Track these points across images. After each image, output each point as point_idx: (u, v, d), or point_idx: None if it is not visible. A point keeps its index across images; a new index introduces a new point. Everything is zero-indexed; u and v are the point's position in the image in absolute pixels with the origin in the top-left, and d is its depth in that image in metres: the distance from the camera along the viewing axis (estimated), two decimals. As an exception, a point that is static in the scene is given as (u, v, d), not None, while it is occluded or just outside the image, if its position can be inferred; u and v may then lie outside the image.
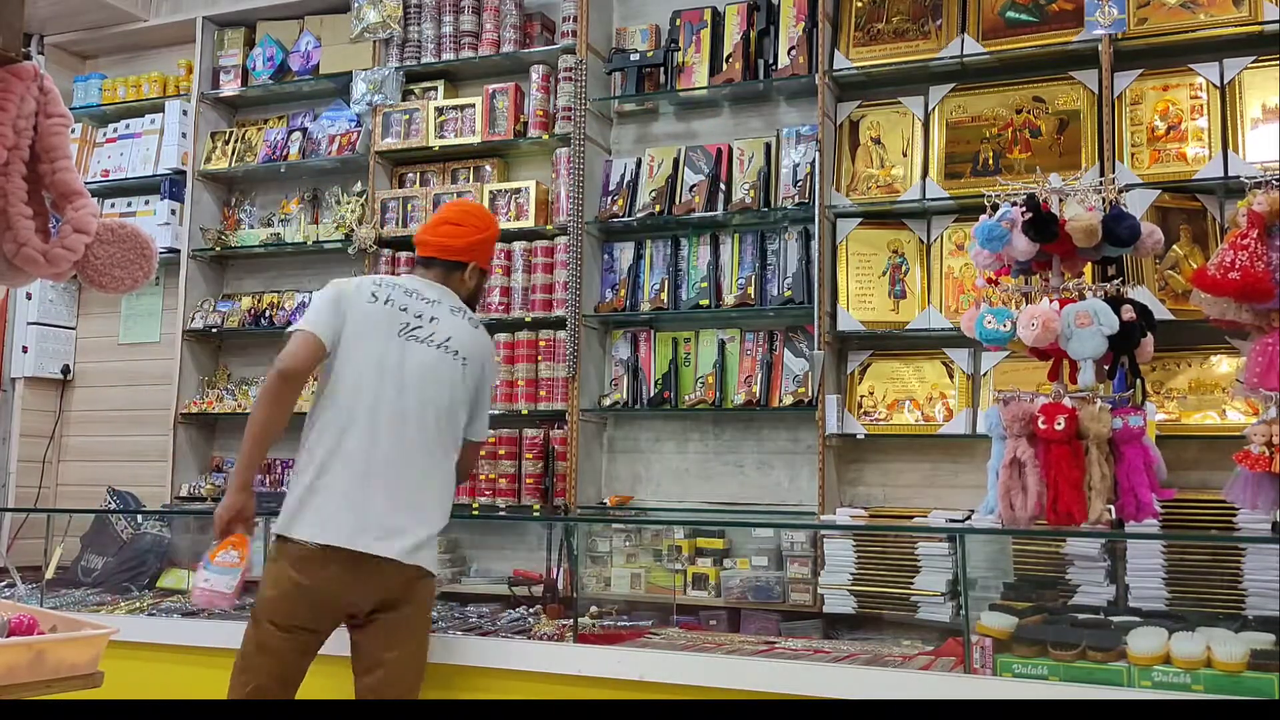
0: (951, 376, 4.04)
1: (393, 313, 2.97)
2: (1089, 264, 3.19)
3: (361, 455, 2.86)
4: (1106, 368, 3.04)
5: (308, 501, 2.85)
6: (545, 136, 4.66)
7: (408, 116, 4.89)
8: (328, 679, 2.98)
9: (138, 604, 4.01)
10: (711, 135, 4.55)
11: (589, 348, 4.46)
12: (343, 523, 2.80)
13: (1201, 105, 3.77)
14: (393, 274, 4.76)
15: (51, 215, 2.03)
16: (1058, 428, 2.84)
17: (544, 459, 4.44)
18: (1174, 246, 3.70)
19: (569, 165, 4.48)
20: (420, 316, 2.99)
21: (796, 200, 4.20)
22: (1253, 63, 3.74)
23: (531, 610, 3.70)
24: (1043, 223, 2.95)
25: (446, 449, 3.00)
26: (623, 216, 4.48)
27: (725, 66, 4.42)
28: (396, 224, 4.85)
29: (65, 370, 5.59)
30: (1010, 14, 4.03)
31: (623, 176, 4.56)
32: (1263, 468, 2.77)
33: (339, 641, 2.97)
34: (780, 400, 4.17)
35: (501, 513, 4.49)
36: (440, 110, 4.86)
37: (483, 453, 3.25)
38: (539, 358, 4.52)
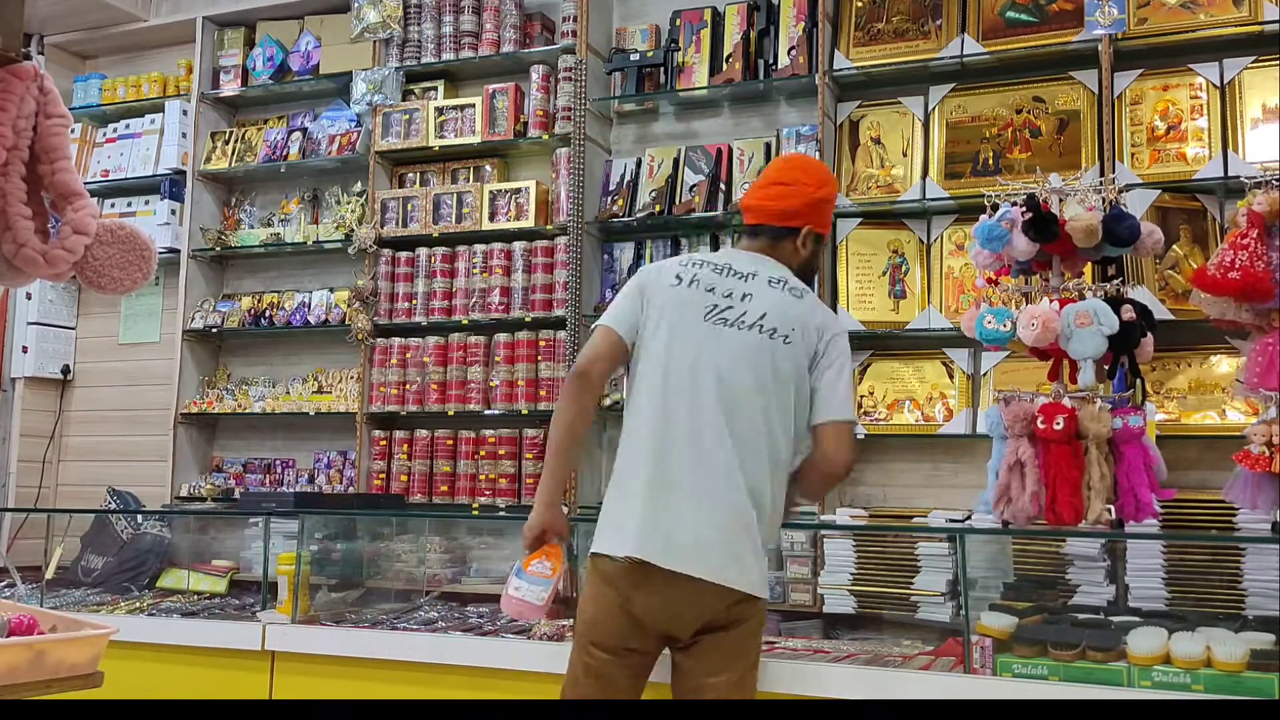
0: (951, 376, 4.04)
1: (698, 295, 2.59)
2: (1089, 264, 3.19)
3: (666, 465, 2.50)
4: (1106, 368, 3.04)
5: (613, 516, 2.56)
6: (545, 136, 4.66)
7: (408, 116, 4.89)
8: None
9: (138, 604, 4.01)
10: (711, 135, 4.55)
11: (589, 348, 4.45)
12: (645, 537, 2.47)
13: (1201, 105, 3.77)
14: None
15: (51, 216, 2.02)
16: (1057, 428, 2.84)
17: (544, 459, 4.43)
18: (1174, 246, 3.70)
19: (569, 165, 4.48)
20: (730, 295, 2.59)
21: (796, 200, 4.19)
22: (1253, 63, 3.74)
23: (531, 610, 3.69)
24: (1043, 223, 2.95)
25: (775, 447, 2.54)
26: (623, 216, 4.48)
27: (725, 66, 4.42)
28: (396, 224, 4.85)
29: (65, 370, 5.59)
30: (1010, 14, 4.03)
31: (623, 176, 4.57)
32: (1263, 468, 2.77)
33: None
34: (780, 400, 4.16)
35: (501, 513, 4.49)
36: (440, 110, 4.86)
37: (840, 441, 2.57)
38: (539, 358, 4.52)
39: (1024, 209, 2.99)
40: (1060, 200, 3.03)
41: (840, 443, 2.59)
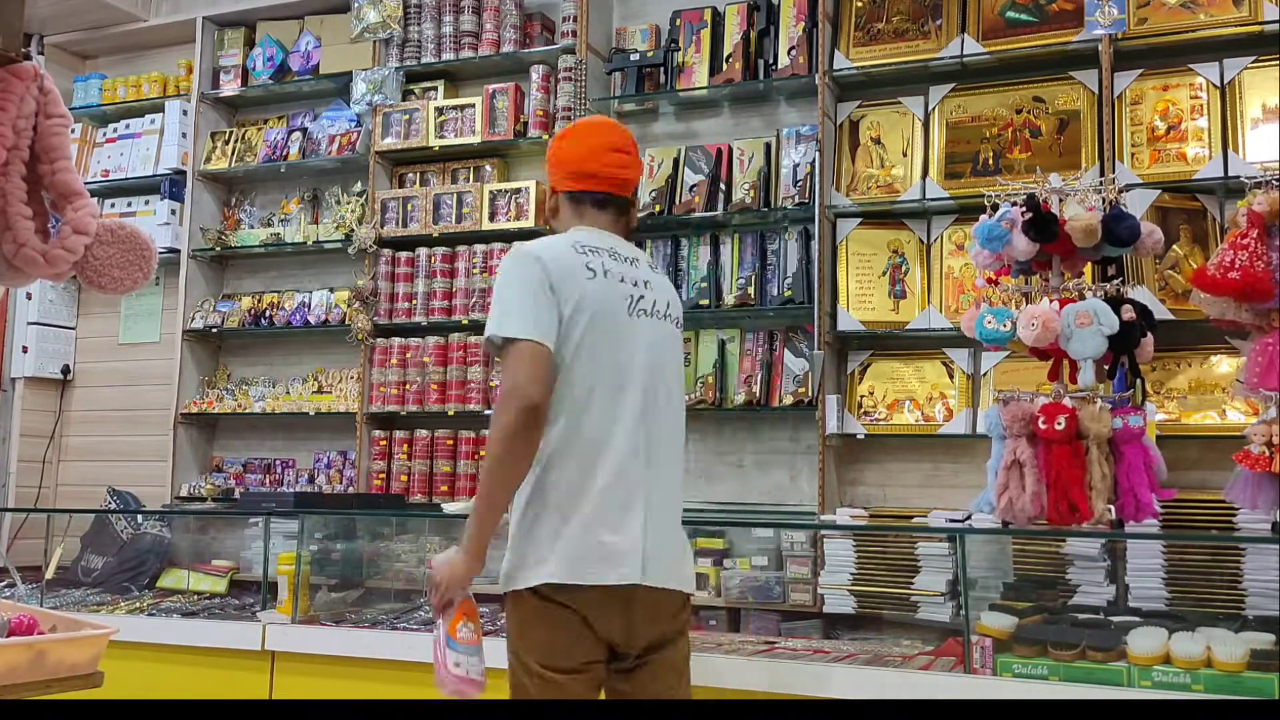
0: (951, 376, 4.04)
1: (614, 288, 2.34)
2: (1089, 264, 3.19)
3: (626, 476, 2.25)
4: (1106, 368, 3.04)
5: (576, 537, 2.22)
6: (545, 136, 4.66)
7: (408, 116, 4.89)
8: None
9: (138, 604, 4.02)
10: (711, 135, 4.55)
11: (589, 348, 4.45)
12: (631, 558, 2.22)
13: (1201, 105, 3.77)
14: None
15: (51, 216, 2.02)
16: (1058, 428, 2.84)
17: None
18: (1174, 246, 3.70)
19: (569, 165, 4.47)
20: (637, 284, 2.38)
21: (796, 200, 4.20)
22: (1253, 63, 3.74)
23: (531, 610, 3.68)
24: (1043, 223, 2.95)
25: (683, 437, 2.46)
26: (623, 216, 4.47)
27: (725, 66, 4.42)
28: (396, 224, 4.85)
29: (65, 370, 5.59)
30: (1010, 14, 4.03)
31: (623, 176, 4.56)
32: (1263, 468, 2.77)
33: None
34: (780, 400, 4.17)
35: (501, 513, 4.48)
36: (440, 110, 4.86)
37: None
38: (539, 358, 4.51)
39: (1024, 209, 2.99)
40: (1060, 200, 3.03)
41: None
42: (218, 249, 5.23)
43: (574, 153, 2.46)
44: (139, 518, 4.68)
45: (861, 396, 4.13)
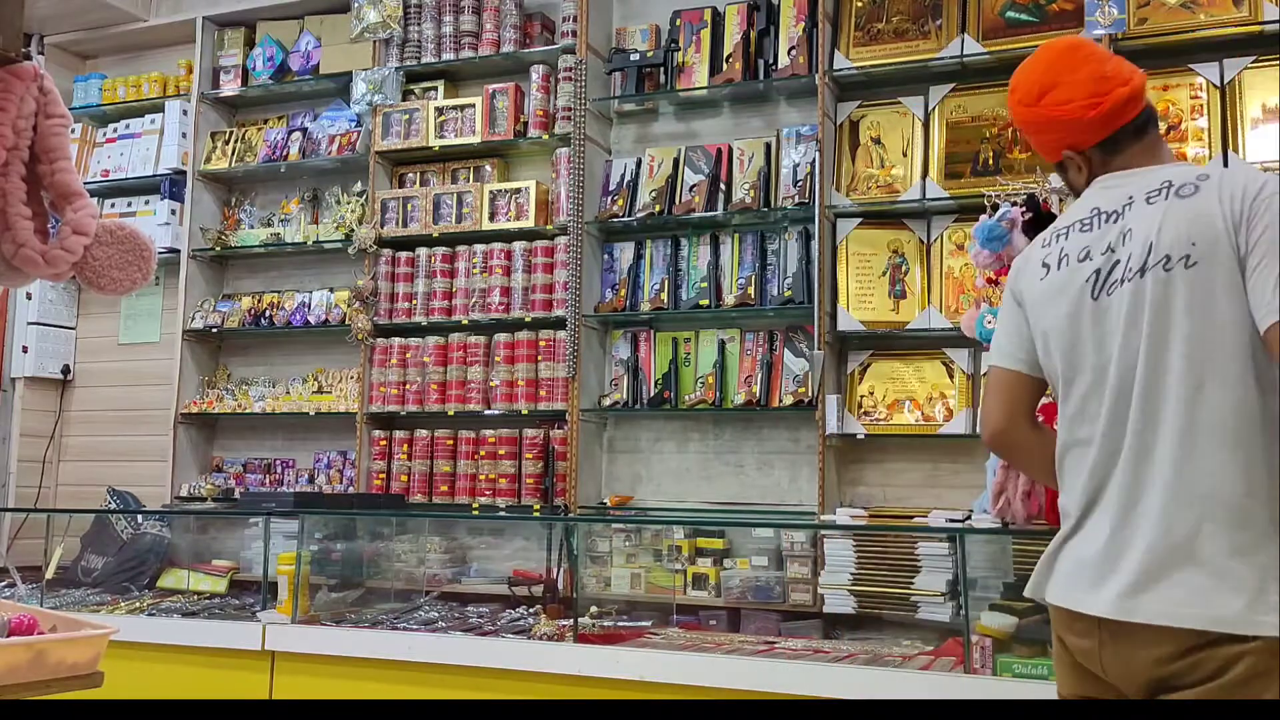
0: (951, 376, 4.04)
1: (1073, 273, 1.98)
2: (1089, 264, 3.19)
3: (1101, 490, 1.91)
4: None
5: (1054, 558, 1.98)
6: (545, 136, 4.66)
7: (408, 116, 4.89)
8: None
9: (138, 604, 4.02)
10: (711, 135, 4.55)
11: (589, 348, 4.46)
12: (1081, 580, 1.90)
13: (1201, 105, 3.77)
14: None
15: (51, 216, 2.02)
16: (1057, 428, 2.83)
17: (544, 459, 4.45)
18: (1174, 246, 3.70)
19: (569, 165, 4.48)
20: (1110, 249, 1.94)
21: (796, 200, 4.20)
22: (1253, 63, 3.74)
23: (531, 610, 3.70)
24: (1043, 222, 2.94)
25: (1226, 399, 1.81)
26: (623, 216, 4.48)
27: (725, 66, 4.42)
28: (396, 224, 4.85)
29: (65, 370, 5.59)
30: (1010, 14, 4.03)
31: (623, 176, 4.57)
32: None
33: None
34: (780, 400, 4.17)
35: (501, 513, 4.49)
36: (440, 110, 4.86)
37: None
38: (539, 358, 4.52)
39: (1024, 209, 2.98)
40: (1060, 200, 3.03)
41: None
42: (218, 249, 5.23)
43: (1083, 91, 2.04)
44: (139, 518, 4.68)
45: (861, 396, 4.13)
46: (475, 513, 4.50)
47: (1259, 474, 1.79)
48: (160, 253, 2.51)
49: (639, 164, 4.55)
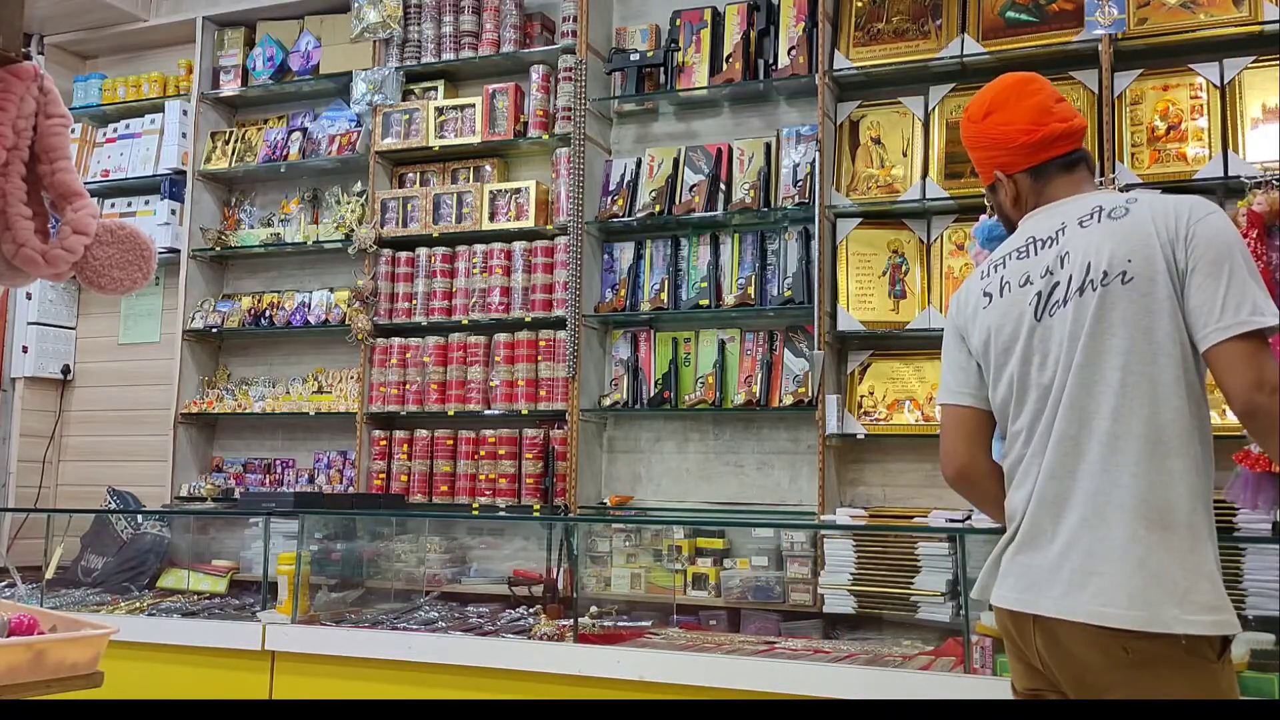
0: (951, 376, 4.03)
1: (1016, 297, 2.04)
2: (1089, 264, 3.19)
3: (1043, 497, 1.96)
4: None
5: (998, 562, 2.06)
6: (545, 136, 4.66)
7: (408, 116, 4.89)
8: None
9: (138, 604, 4.02)
10: (711, 135, 4.55)
11: (589, 348, 4.46)
12: (1023, 582, 1.97)
13: (1201, 105, 3.77)
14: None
15: (51, 216, 2.02)
16: (1057, 428, 2.83)
17: (544, 459, 4.45)
18: (1174, 246, 3.70)
19: (569, 165, 4.48)
20: (1049, 272, 2.00)
21: (796, 200, 4.20)
22: (1253, 63, 3.74)
23: (531, 610, 3.70)
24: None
25: (1160, 409, 1.87)
26: (623, 216, 4.48)
27: (725, 66, 4.42)
28: (396, 224, 4.85)
29: (65, 370, 5.59)
30: (1010, 14, 4.03)
31: (623, 176, 4.57)
32: (1263, 468, 2.76)
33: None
34: (780, 400, 4.17)
35: (501, 513, 4.49)
36: (440, 110, 4.86)
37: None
38: (539, 358, 4.52)
39: (1024, 209, 2.98)
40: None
41: (1247, 366, 1.88)
42: (218, 249, 5.23)
43: (1023, 117, 2.11)
44: (139, 518, 4.68)
45: (861, 396, 4.13)
46: (475, 513, 4.50)
47: (1191, 481, 1.87)
48: (160, 253, 2.51)
49: (639, 164, 4.55)
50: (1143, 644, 1.81)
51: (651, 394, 4.39)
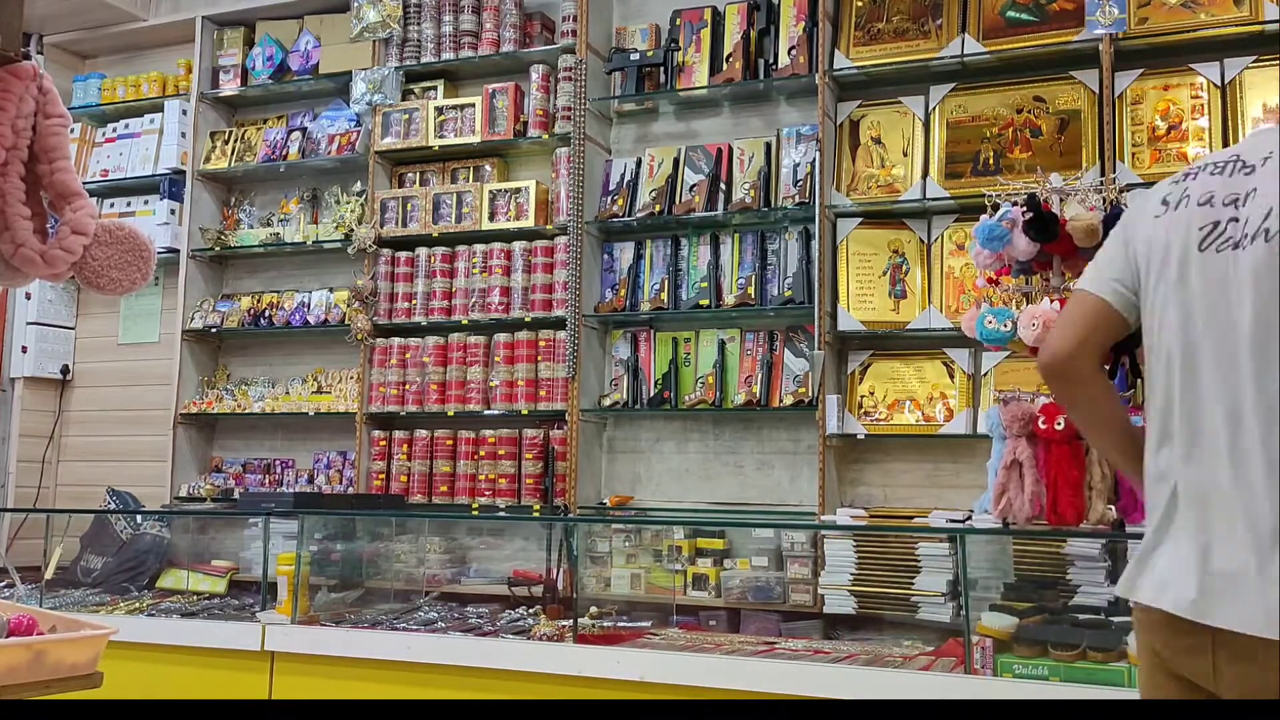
0: (952, 376, 4.04)
1: (1187, 219, 1.78)
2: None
3: (1189, 474, 1.73)
4: (1107, 368, 3.03)
5: (1149, 550, 1.79)
6: (545, 136, 4.66)
7: (407, 116, 4.89)
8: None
9: (137, 604, 4.01)
10: (711, 135, 4.55)
11: (589, 348, 4.46)
12: (1183, 581, 1.69)
13: (1202, 105, 3.77)
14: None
15: (50, 216, 2.02)
16: (1058, 428, 2.83)
17: (544, 459, 4.44)
18: (1174, 246, 3.69)
19: (569, 165, 4.48)
20: (1234, 202, 1.74)
21: (796, 200, 4.20)
22: (1253, 62, 3.74)
23: (531, 610, 3.70)
24: (1044, 222, 2.94)
25: None
26: (623, 216, 4.48)
27: (725, 66, 4.41)
28: (396, 224, 4.85)
29: (65, 370, 5.59)
30: (1011, 14, 4.03)
31: (623, 176, 4.56)
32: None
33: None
34: (780, 400, 4.17)
35: (501, 513, 4.49)
36: (440, 110, 4.86)
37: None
38: (539, 358, 4.52)
39: (1024, 209, 2.98)
40: (1061, 200, 3.02)
41: None
42: (217, 249, 5.23)
43: None
44: (138, 518, 4.68)
45: (862, 396, 4.13)
46: (475, 513, 4.50)
47: None
48: (159, 253, 2.50)
49: (639, 164, 4.54)
50: None
51: (651, 394, 4.39)
